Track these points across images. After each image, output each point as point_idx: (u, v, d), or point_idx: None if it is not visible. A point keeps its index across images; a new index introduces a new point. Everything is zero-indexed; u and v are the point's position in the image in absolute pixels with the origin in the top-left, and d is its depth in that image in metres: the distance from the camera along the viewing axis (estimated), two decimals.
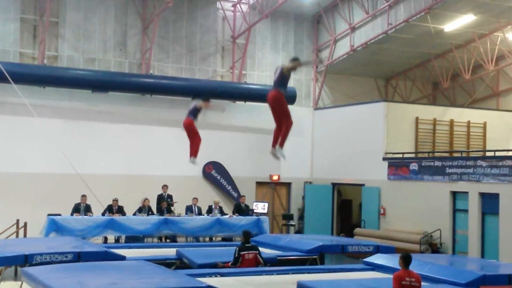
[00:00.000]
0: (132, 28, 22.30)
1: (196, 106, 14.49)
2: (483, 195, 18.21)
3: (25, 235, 17.13)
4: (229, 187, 23.16)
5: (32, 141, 20.09)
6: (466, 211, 18.64)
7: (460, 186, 18.86)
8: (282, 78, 10.68)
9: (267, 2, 22.34)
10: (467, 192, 18.60)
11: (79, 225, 17.57)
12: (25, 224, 17.23)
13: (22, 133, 20.07)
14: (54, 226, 17.23)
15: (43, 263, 11.38)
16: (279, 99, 10.73)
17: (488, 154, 20.23)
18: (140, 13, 22.31)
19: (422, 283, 9.22)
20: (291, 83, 24.52)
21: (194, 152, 14.70)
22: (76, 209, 18.24)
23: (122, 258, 12.52)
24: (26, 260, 11.47)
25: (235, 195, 22.91)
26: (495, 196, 17.76)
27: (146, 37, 22.20)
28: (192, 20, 23.26)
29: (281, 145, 10.85)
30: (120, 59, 22.14)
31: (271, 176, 24.15)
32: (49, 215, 17.58)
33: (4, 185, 19.75)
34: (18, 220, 17.41)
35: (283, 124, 10.81)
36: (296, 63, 10.72)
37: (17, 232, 17.35)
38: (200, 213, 19.76)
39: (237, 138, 23.58)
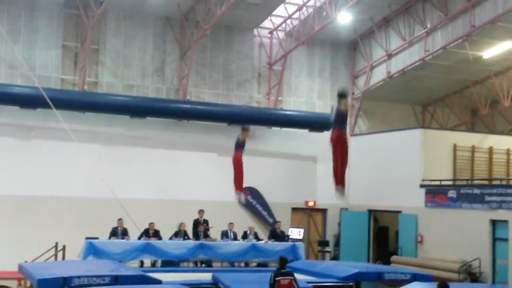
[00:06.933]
0: (170, 54, 22.66)
1: (239, 140, 14.87)
2: None
3: (63, 258, 17.37)
4: (265, 213, 23.15)
5: (71, 165, 20.43)
6: (506, 240, 18.26)
7: (500, 215, 18.51)
8: (342, 117, 11.05)
9: (303, 29, 22.50)
10: (507, 221, 18.24)
11: (116, 249, 17.72)
12: (64, 247, 17.48)
13: (62, 157, 20.43)
14: (92, 249, 17.39)
15: (81, 285, 11.52)
16: (343, 139, 11.14)
17: None
18: (178, 40, 22.67)
19: None
20: (326, 109, 24.67)
21: (239, 186, 14.98)
22: (114, 233, 18.43)
23: (159, 282, 12.59)
24: (65, 282, 11.60)
25: (271, 220, 22.88)
26: None
27: (184, 64, 22.52)
28: (229, 47, 23.54)
29: (343, 184, 10.96)
30: (158, 85, 22.48)
31: (306, 202, 24.07)
32: (87, 238, 17.78)
33: (44, 208, 20.09)
34: (57, 243, 17.68)
35: (340, 162, 10.96)
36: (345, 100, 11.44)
37: (56, 255, 17.60)
38: (235, 238, 19.76)
39: (273, 164, 23.61)
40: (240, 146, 15.01)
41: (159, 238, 18.70)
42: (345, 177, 11.17)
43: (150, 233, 18.70)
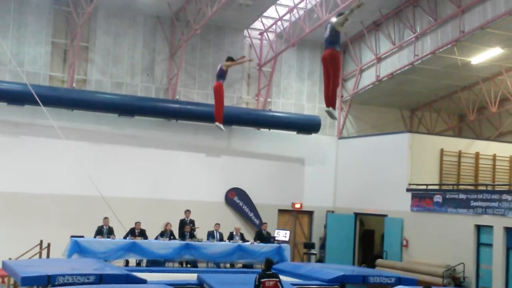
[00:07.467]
0: (160, 54, 22.62)
1: (222, 68, 14.88)
2: (508, 230, 17.95)
3: (48, 256, 17.29)
4: (251, 214, 23.15)
5: (58, 163, 20.34)
6: (490, 245, 18.37)
7: (484, 220, 18.62)
8: (335, 35, 10.54)
9: (294, 31, 22.54)
10: (491, 226, 18.35)
11: (102, 248, 17.67)
12: (49, 245, 17.42)
13: (49, 155, 20.33)
14: (77, 248, 17.34)
15: (65, 284, 11.50)
16: (336, 57, 10.56)
17: None
18: (168, 39, 22.63)
19: None
20: (315, 112, 24.70)
21: (219, 117, 14.93)
22: (99, 231, 18.37)
23: (143, 281, 12.59)
24: (49, 280, 11.59)
25: (257, 222, 22.89)
26: None
27: (173, 63, 22.48)
28: (219, 47, 23.52)
29: (333, 106, 10.74)
30: (147, 84, 22.43)
31: (293, 204, 24.10)
32: (72, 236, 17.72)
33: (29, 206, 19.97)
34: (41, 241, 17.60)
35: (331, 82, 10.61)
36: (344, 16, 10.50)
37: (40, 253, 17.52)
38: (221, 239, 19.76)
39: (261, 165, 23.62)
40: (222, 75, 15.00)
41: (145, 237, 18.66)
42: (336, 98, 10.98)
43: (136, 232, 18.66)
